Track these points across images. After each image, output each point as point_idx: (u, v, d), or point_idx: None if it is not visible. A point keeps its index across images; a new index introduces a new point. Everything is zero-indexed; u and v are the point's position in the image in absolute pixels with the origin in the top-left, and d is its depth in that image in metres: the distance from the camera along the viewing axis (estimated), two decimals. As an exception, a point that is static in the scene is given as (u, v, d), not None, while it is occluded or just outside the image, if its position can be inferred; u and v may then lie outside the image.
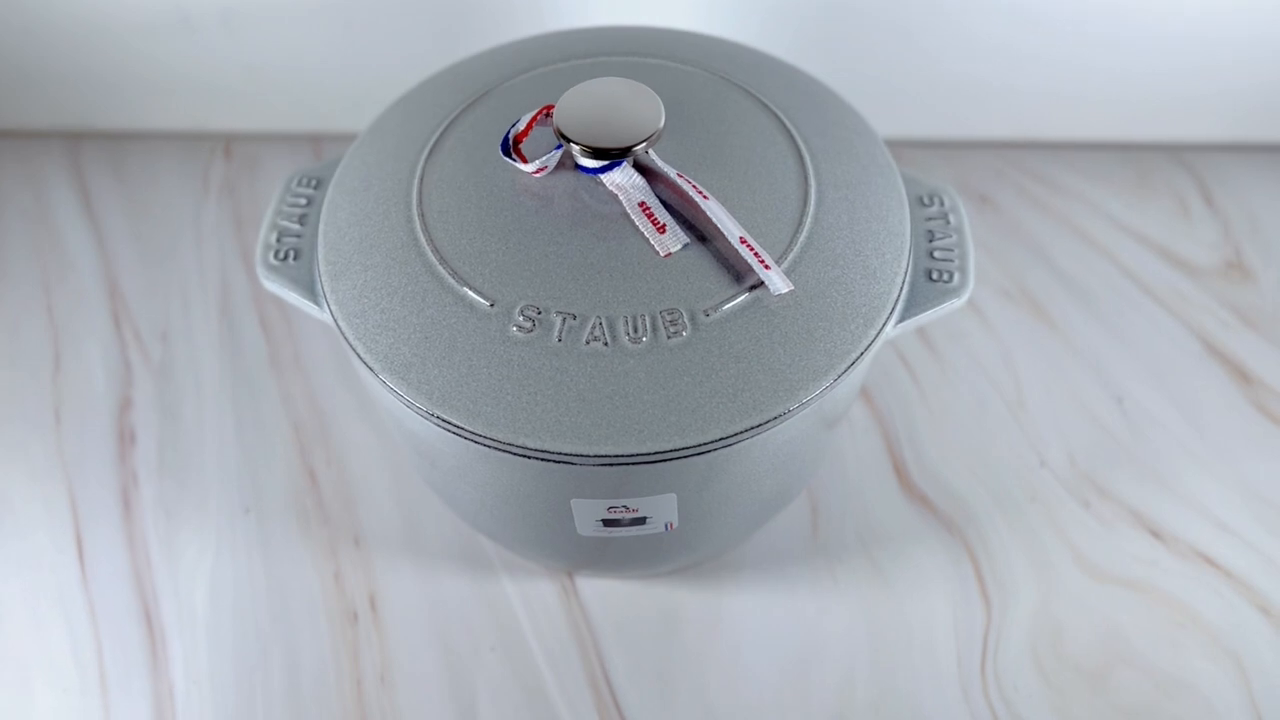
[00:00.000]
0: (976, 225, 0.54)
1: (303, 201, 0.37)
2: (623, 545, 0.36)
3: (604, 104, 0.32)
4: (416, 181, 0.34)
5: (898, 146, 0.58)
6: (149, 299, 0.52)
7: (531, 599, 0.41)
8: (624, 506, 0.33)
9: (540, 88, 0.37)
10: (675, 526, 0.34)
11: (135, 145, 0.59)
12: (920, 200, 0.37)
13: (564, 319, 0.30)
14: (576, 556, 0.38)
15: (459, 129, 0.36)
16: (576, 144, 0.31)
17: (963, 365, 0.49)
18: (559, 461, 0.29)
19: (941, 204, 0.36)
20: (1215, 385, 0.47)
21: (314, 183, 0.38)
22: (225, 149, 0.59)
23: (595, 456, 0.29)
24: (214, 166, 0.58)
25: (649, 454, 0.29)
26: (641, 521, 0.34)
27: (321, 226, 0.35)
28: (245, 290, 0.52)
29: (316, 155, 0.58)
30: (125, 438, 0.47)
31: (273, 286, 0.35)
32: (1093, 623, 0.40)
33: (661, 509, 0.33)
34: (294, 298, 0.35)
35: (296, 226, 0.36)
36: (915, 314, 0.33)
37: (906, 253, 0.33)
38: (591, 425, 0.29)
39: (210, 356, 0.50)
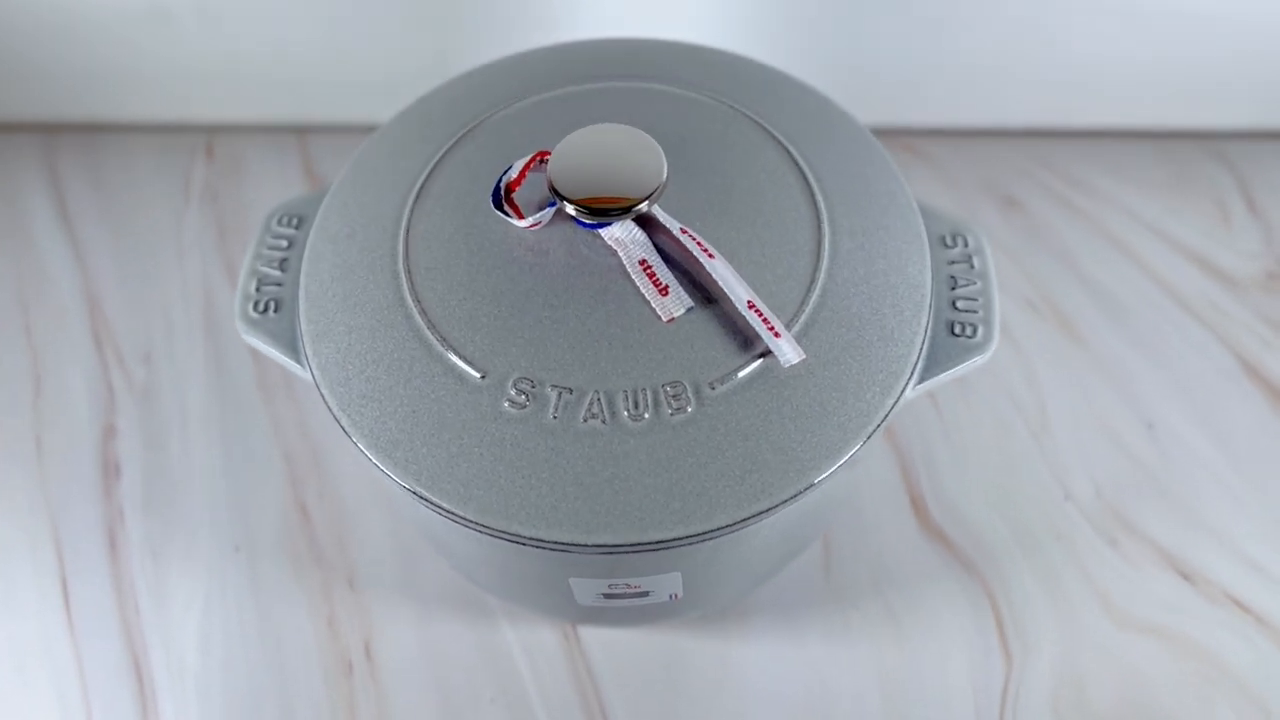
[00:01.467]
0: (1000, 231, 0.53)
1: (284, 244, 0.36)
2: (625, 610, 0.35)
3: (602, 155, 0.31)
4: (403, 232, 0.33)
5: (914, 136, 0.56)
6: (131, 317, 0.51)
7: (533, 648, 0.41)
8: (625, 584, 0.32)
9: (535, 121, 0.35)
10: (680, 597, 0.33)
11: (112, 140, 0.57)
12: (942, 240, 0.35)
13: (560, 394, 0.29)
14: (578, 617, 0.37)
15: (447, 169, 0.34)
16: (572, 203, 0.30)
17: (984, 384, 0.47)
18: (555, 550, 0.28)
19: (965, 244, 0.35)
20: (1253, 410, 0.46)
21: (295, 221, 0.37)
22: (207, 147, 0.57)
23: (594, 546, 0.28)
24: (195, 168, 0.56)
25: (651, 543, 0.28)
26: (644, 594, 0.33)
27: (303, 279, 0.33)
28: (229, 306, 0.51)
29: (302, 151, 0.57)
30: (110, 469, 0.46)
31: (253, 342, 0.34)
32: (1118, 675, 0.39)
33: (665, 584, 0.32)
34: (276, 355, 0.34)
35: (277, 273, 0.35)
36: (934, 375, 0.32)
37: (927, 307, 0.32)
38: (589, 512, 0.28)
39: (195, 379, 0.49)
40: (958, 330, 0.33)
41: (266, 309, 0.34)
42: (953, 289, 0.34)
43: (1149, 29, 0.50)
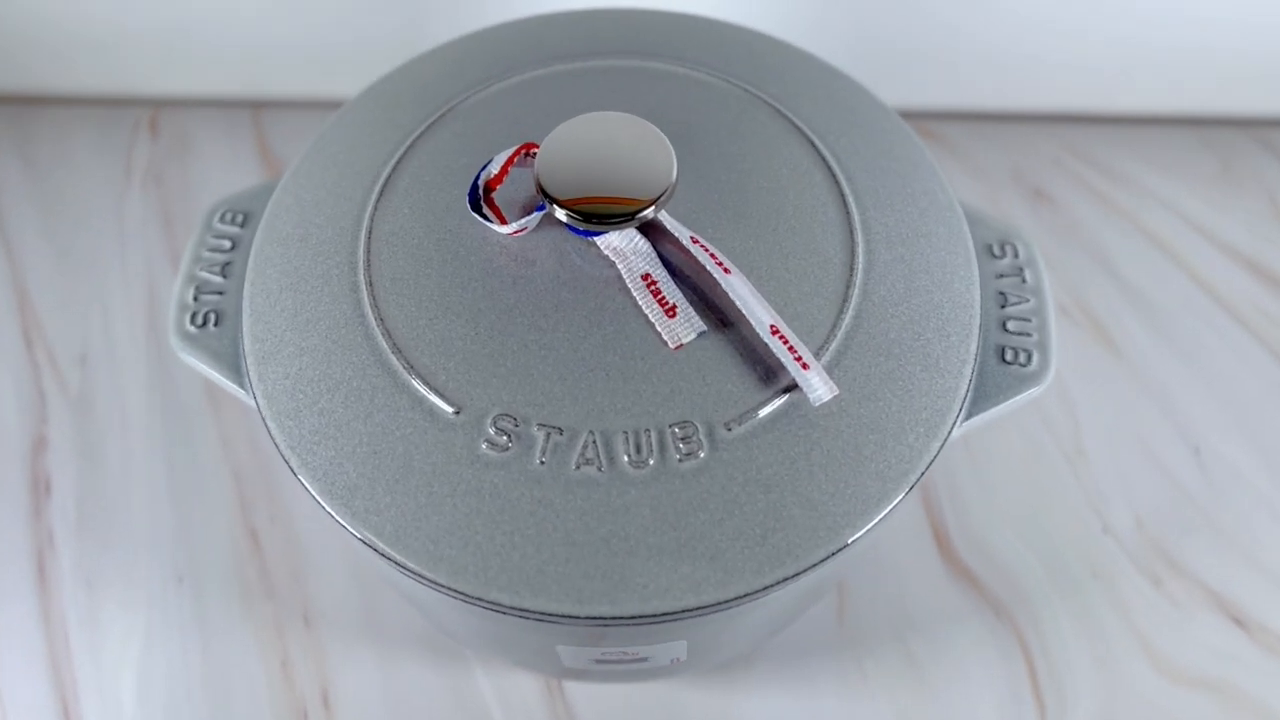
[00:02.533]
0: (1029, 226, 0.49)
1: (227, 245, 0.31)
2: (619, 673, 0.31)
3: (599, 150, 0.26)
4: (364, 235, 0.28)
5: (932, 119, 0.52)
6: (64, 313, 0.46)
7: (510, 699, 0.37)
8: (622, 651, 0.28)
9: (518, 104, 0.31)
10: (683, 660, 0.29)
11: (45, 114, 0.52)
12: (989, 250, 0.31)
13: (548, 434, 0.25)
14: (565, 674, 0.33)
15: (416, 160, 0.30)
16: (564, 207, 0.25)
17: (1013, 401, 0.43)
18: (540, 620, 0.24)
19: (1015, 255, 0.31)
20: (1308, 432, 0.42)
21: (241, 218, 0.32)
22: (151, 122, 0.52)
23: (587, 619, 0.24)
24: (138, 146, 0.51)
25: (654, 615, 0.24)
26: (642, 660, 0.29)
27: (248, 289, 0.29)
28: (177, 302, 0.46)
29: (257, 129, 0.52)
30: (39, 486, 0.42)
31: (191, 361, 0.29)
32: (1165, 732, 0.36)
33: (667, 651, 0.28)
34: (217, 377, 0.29)
35: (219, 279, 0.31)
36: (983, 410, 0.28)
37: (976, 330, 0.28)
38: (582, 577, 0.24)
39: (137, 385, 0.44)
40: (1009, 357, 0.29)
41: (206, 322, 0.30)
42: (1002, 307, 0.30)
43: (1194, 5, 0.46)
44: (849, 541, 0.25)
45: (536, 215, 0.26)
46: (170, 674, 0.38)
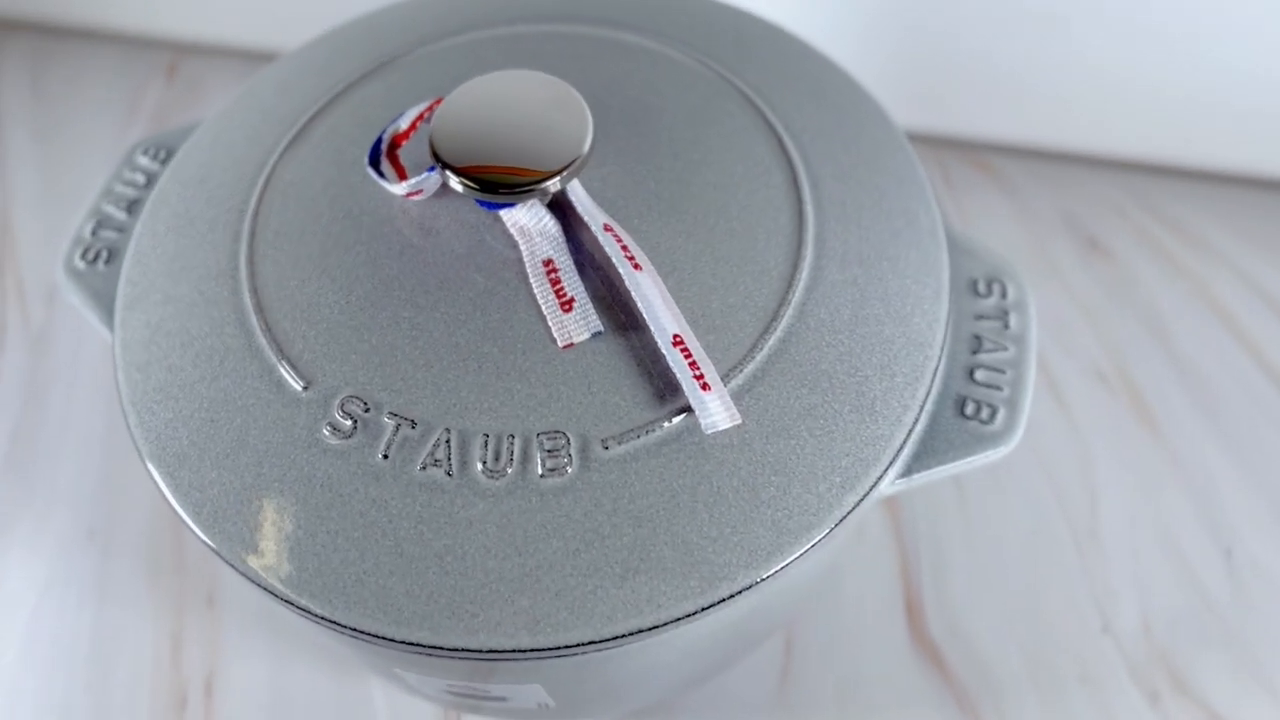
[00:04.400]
0: (1077, 277, 0.44)
1: (141, 181, 0.29)
2: (489, 708, 0.28)
3: (508, 111, 0.23)
4: (262, 182, 0.26)
5: (990, 152, 0.48)
6: (43, 246, 0.45)
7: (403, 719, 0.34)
8: (468, 685, 0.24)
9: (466, 62, 0.28)
10: (552, 707, 0.26)
11: (66, 47, 0.52)
12: (973, 286, 0.27)
13: (398, 425, 0.22)
14: (449, 703, 0.30)
15: (340, 110, 0.27)
16: (456, 171, 0.22)
17: (1023, 466, 0.39)
18: (353, 637, 0.21)
19: (1003, 294, 0.27)
20: (1366, 550, 0.36)
21: (163, 154, 0.30)
22: (169, 67, 0.51)
23: (404, 643, 0.21)
24: (151, 88, 0.50)
25: (480, 651, 0.21)
26: (501, 700, 0.25)
27: (138, 227, 0.27)
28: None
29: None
30: (-24, 418, 0.41)
31: (71, 297, 0.27)
32: None
33: (524, 694, 0.25)
34: (91, 318, 0.27)
35: (122, 216, 0.29)
36: (926, 467, 0.24)
37: (931, 374, 0.24)
38: (405, 595, 0.21)
39: (99, 332, 0.43)
40: (969, 411, 0.24)
41: (96, 259, 0.28)
42: (974, 353, 0.26)
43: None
44: (724, 597, 0.21)
45: (426, 176, 0.23)
46: (58, 631, 0.36)
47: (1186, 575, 0.36)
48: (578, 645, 0.21)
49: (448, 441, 0.22)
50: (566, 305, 0.23)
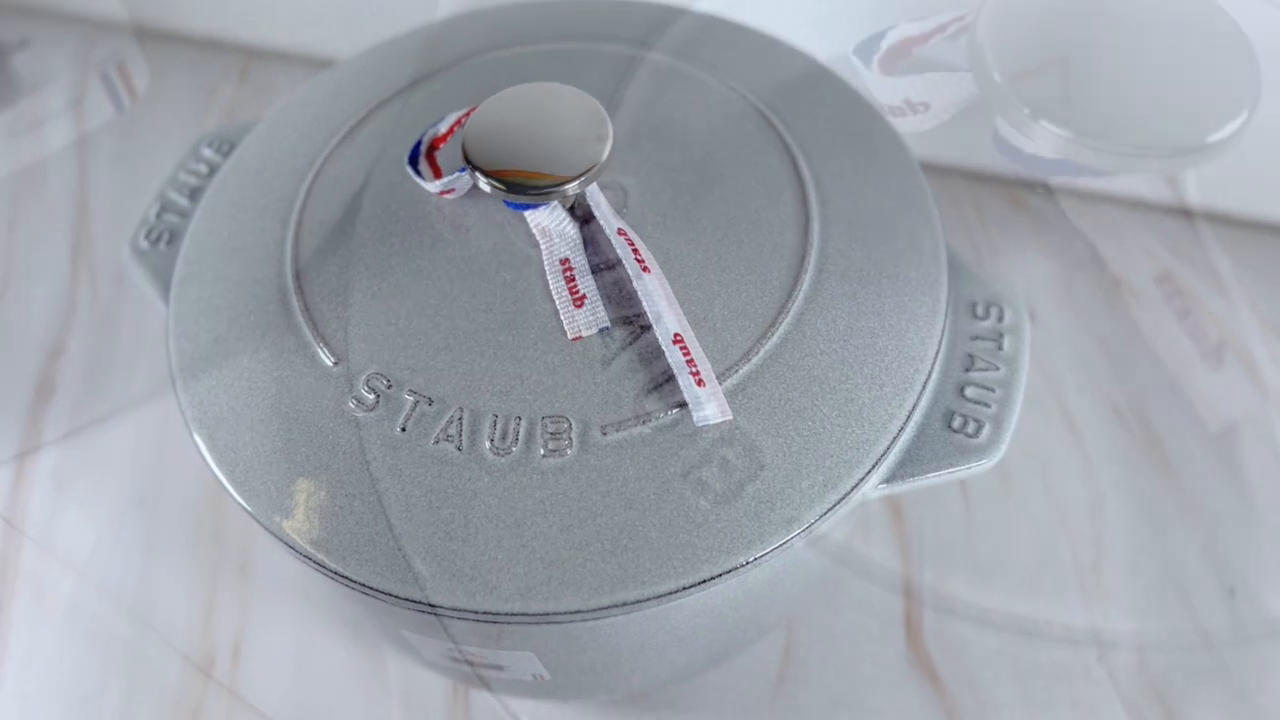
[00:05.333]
0: (1100, 315, 0.45)
1: (204, 170, 0.32)
2: (497, 681, 0.29)
3: (536, 120, 0.25)
4: (311, 174, 0.28)
5: (1033, 191, 0.49)
6: (116, 231, 0.49)
7: (412, 692, 0.35)
8: (468, 650, 0.26)
9: (510, 74, 0.30)
10: (546, 678, 0.28)
11: (150, 47, 0.55)
12: (971, 309, 0.28)
13: (416, 402, 0.24)
14: (458, 677, 0.32)
15: (388, 113, 0.30)
16: (484, 173, 0.24)
17: (1033, 492, 0.40)
18: (362, 592, 0.23)
19: (1000, 318, 0.28)
20: (1372, 601, 0.37)
21: (227, 148, 0.33)
22: (242, 70, 0.54)
23: (406, 600, 0.23)
24: (224, 89, 0.54)
25: (476, 612, 0.22)
26: (499, 668, 0.27)
27: (198, 211, 0.29)
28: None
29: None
30: (44, 390, 0.44)
31: (134, 274, 0.30)
32: None
33: (520, 662, 0.26)
34: (151, 294, 0.30)
35: (184, 202, 0.31)
36: (910, 475, 0.25)
37: (920, 387, 0.25)
38: (410, 556, 0.23)
39: (162, 313, 0.46)
40: (956, 424, 0.26)
41: (159, 239, 0.30)
42: (967, 370, 0.27)
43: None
44: (704, 578, 0.22)
45: (458, 175, 0.26)
46: (100, 593, 0.38)
47: (1187, 612, 0.37)
48: (565, 613, 0.22)
49: (460, 419, 0.24)
50: (579, 301, 0.25)
